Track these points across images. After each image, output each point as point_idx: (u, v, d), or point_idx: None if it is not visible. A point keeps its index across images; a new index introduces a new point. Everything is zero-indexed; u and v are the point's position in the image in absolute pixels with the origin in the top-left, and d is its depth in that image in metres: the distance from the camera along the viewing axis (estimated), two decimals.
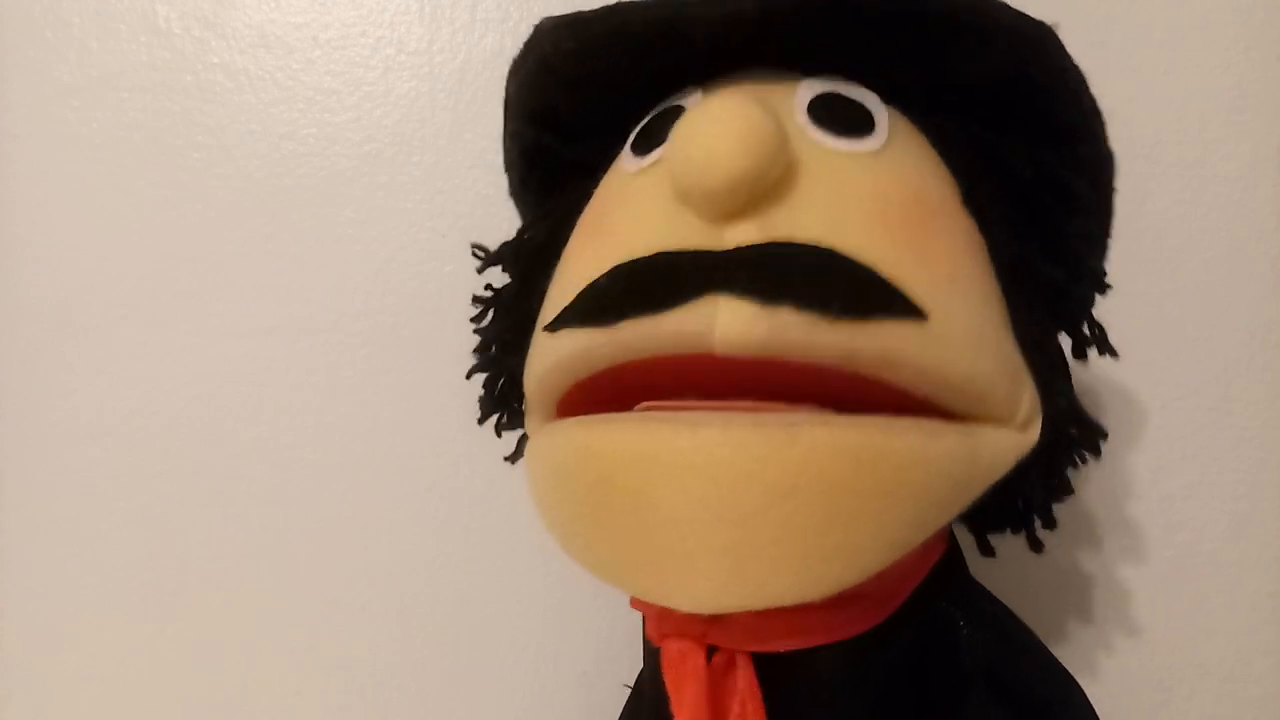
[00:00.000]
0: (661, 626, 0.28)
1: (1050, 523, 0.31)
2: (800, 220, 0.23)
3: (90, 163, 0.52)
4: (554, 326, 0.26)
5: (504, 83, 0.31)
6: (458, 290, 0.50)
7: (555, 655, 0.50)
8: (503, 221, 0.51)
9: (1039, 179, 0.28)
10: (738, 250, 0.23)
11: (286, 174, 0.51)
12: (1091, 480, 0.47)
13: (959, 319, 0.24)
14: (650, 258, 0.24)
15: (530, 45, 0.29)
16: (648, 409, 0.26)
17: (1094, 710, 0.29)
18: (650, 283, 0.23)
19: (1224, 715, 0.48)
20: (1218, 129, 0.48)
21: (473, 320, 0.35)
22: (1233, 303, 0.48)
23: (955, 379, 0.24)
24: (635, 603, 0.30)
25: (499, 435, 0.35)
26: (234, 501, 0.51)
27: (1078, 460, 0.31)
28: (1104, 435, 0.30)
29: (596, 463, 0.24)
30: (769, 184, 0.23)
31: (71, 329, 0.52)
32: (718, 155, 0.22)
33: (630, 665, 0.35)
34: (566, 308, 0.25)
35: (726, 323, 0.22)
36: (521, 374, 0.30)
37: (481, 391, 0.34)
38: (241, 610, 0.51)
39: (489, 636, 0.50)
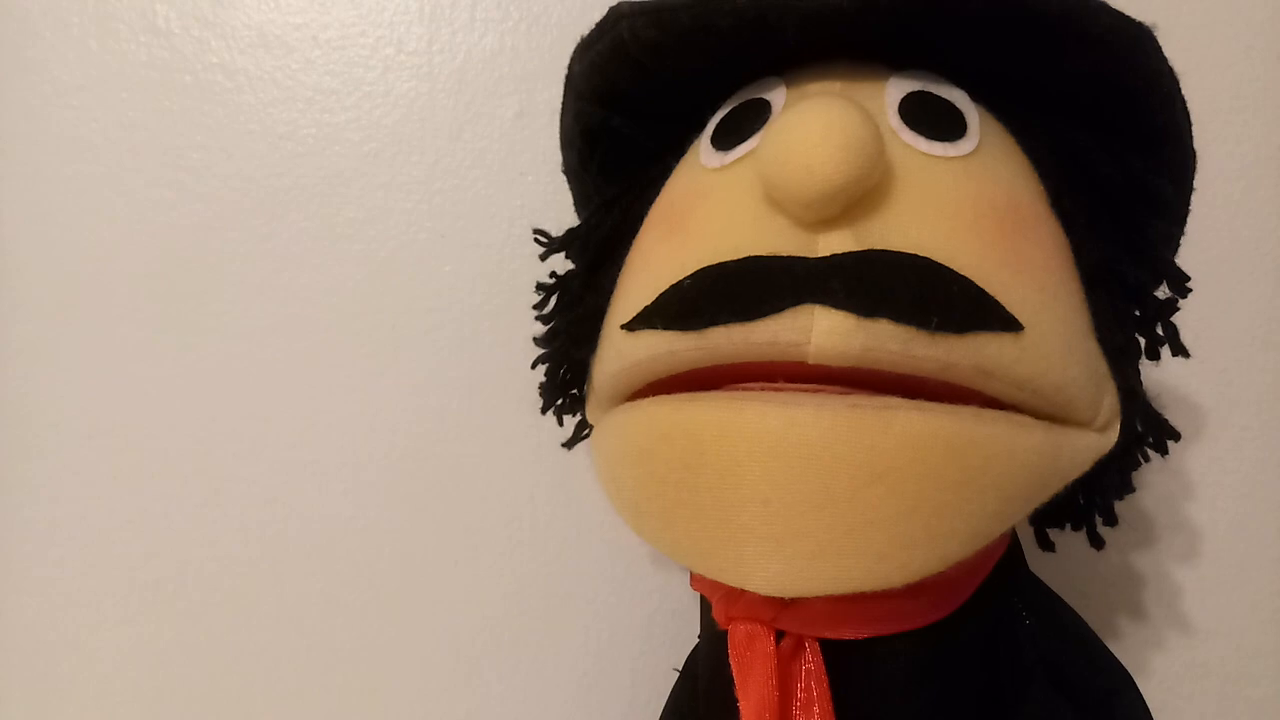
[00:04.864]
0: (730, 610, 0.27)
1: (1112, 520, 0.31)
2: (896, 228, 0.23)
3: (90, 163, 0.52)
4: (633, 326, 0.25)
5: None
6: (457, 290, 0.51)
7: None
8: (502, 222, 0.51)
9: (1126, 181, 0.28)
10: (833, 259, 0.22)
11: (286, 174, 0.51)
12: None
13: (1052, 329, 0.24)
14: (740, 262, 0.23)
15: (605, 27, 0.28)
16: (735, 390, 0.25)
17: (1146, 705, 0.29)
18: (742, 289, 0.23)
19: (1224, 715, 0.48)
20: (1218, 129, 0.48)
21: (535, 307, 0.34)
22: (1233, 303, 0.48)
23: (1047, 389, 0.24)
24: (698, 585, 0.30)
25: (560, 422, 0.35)
26: (233, 501, 0.51)
27: (1141, 459, 0.31)
28: (1176, 436, 0.30)
29: (684, 441, 0.23)
30: (865, 191, 0.23)
31: (71, 329, 0.52)
32: (816, 163, 0.21)
33: (678, 649, 0.35)
34: (647, 308, 0.25)
35: (823, 334, 0.21)
36: (585, 364, 0.29)
37: (544, 380, 0.34)
38: (242, 610, 0.51)
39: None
